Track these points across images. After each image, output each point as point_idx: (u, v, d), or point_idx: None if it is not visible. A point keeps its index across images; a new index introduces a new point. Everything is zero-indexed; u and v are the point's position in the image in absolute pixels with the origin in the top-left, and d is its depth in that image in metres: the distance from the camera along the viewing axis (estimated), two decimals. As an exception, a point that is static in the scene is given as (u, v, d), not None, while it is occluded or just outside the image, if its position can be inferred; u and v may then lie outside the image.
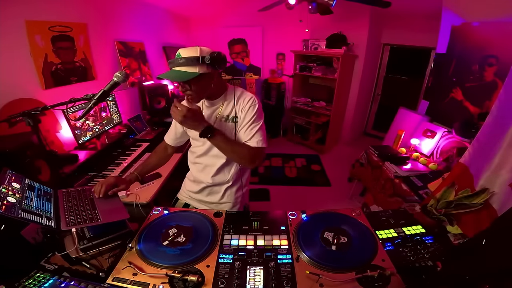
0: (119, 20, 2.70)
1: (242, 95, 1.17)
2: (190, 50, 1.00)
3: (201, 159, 1.29)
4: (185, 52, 1.00)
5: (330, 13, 2.79)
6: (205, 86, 1.07)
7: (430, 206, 1.21)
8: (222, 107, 1.18)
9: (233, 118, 1.16)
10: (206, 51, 1.01)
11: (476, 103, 2.31)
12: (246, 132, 1.14)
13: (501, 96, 1.17)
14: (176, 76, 1.00)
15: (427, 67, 3.68)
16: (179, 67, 1.00)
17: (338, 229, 1.04)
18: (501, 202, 1.06)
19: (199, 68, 0.99)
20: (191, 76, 0.99)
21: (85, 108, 1.08)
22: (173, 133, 1.38)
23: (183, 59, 0.99)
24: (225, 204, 1.33)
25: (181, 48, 1.01)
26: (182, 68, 0.99)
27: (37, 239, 1.01)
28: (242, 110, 1.15)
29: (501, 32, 2.08)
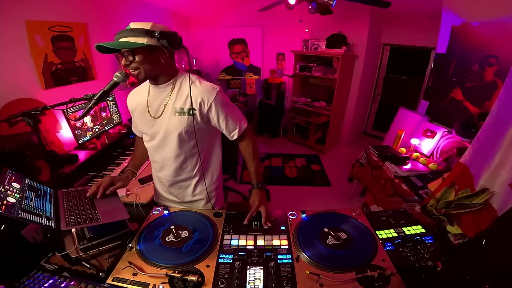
0: (119, 20, 2.70)
1: (198, 85, 1.07)
2: (141, 23, 0.95)
3: (156, 156, 1.22)
4: (135, 24, 0.95)
5: (330, 13, 2.79)
6: (152, 61, 0.99)
7: (430, 206, 1.21)
8: (171, 95, 1.08)
9: (189, 110, 1.07)
10: (159, 27, 0.97)
11: (476, 103, 2.31)
12: (228, 125, 1.13)
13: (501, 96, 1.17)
14: (120, 44, 0.94)
15: (427, 67, 3.68)
16: (125, 38, 0.94)
17: (338, 229, 1.04)
18: (501, 202, 1.06)
19: (147, 40, 0.94)
20: (137, 45, 0.93)
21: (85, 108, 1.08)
22: (135, 124, 1.30)
23: (131, 30, 0.94)
24: (200, 201, 1.29)
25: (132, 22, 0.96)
26: (129, 39, 0.93)
27: (37, 239, 1.01)
28: (201, 104, 1.06)
29: (501, 32, 2.08)
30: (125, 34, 0.93)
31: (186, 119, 1.08)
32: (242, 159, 1.31)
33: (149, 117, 1.13)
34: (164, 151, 1.17)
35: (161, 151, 1.18)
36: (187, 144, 1.14)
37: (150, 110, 1.13)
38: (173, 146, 1.13)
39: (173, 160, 1.17)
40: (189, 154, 1.18)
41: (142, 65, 0.99)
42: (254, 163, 1.21)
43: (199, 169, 1.22)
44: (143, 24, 0.95)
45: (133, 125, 1.31)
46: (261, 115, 4.64)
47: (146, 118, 1.15)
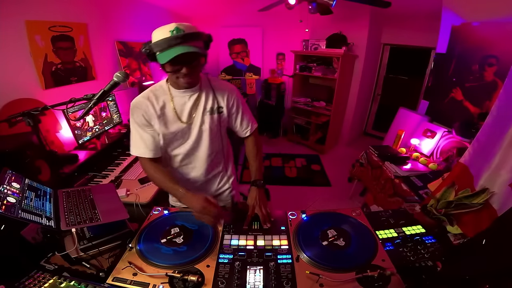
0: (119, 20, 2.70)
1: (220, 83, 1.14)
2: (185, 25, 0.90)
3: (187, 161, 1.20)
4: (184, 26, 0.89)
5: (330, 13, 2.79)
6: (201, 66, 1.00)
7: (430, 206, 1.21)
8: (201, 97, 1.08)
9: (217, 109, 1.11)
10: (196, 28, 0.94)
11: (476, 103, 2.31)
12: (243, 123, 1.19)
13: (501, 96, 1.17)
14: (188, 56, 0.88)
15: (427, 67, 3.68)
16: (182, 44, 0.88)
17: (338, 229, 1.04)
18: (501, 202, 1.06)
19: (201, 45, 0.93)
20: (201, 55, 0.92)
21: (85, 108, 1.08)
22: (151, 143, 1.09)
23: (191, 35, 0.89)
24: (224, 193, 1.33)
25: (174, 23, 0.89)
26: (193, 44, 0.89)
27: (37, 239, 1.01)
28: (227, 100, 1.12)
29: (501, 32, 2.08)
30: (185, 40, 0.88)
31: (216, 118, 1.12)
32: (242, 159, 1.34)
33: (179, 124, 1.09)
34: (197, 153, 1.18)
35: (193, 155, 1.18)
36: (216, 142, 1.18)
37: (182, 116, 1.08)
38: (205, 146, 1.15)
39: (205, 160, 1.20)
40: (218, 150, 1.22)
41: (196, 72, 1.00)
42: (257, 161, 1.24)
43: (225, 162, 1.30)
44: (190, 26, 0.91)
45: (141, 142, 1.08)
46: (261, 115, 4.64)
47: (175, 125, 1.09)
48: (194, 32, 0.91)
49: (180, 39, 0.88)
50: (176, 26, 0.88)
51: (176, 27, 0.88)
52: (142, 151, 1.09)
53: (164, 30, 0.88)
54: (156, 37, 0.90)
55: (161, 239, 1.00)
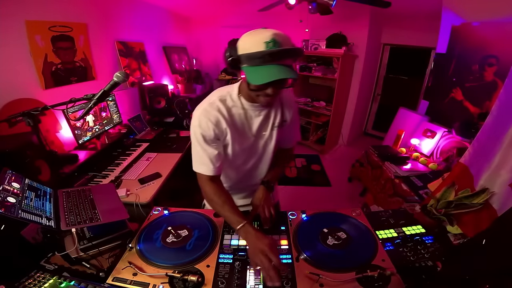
0: (119, 20, 2.70)
1: (287, 95, 1.03)
2: (283, 36, 0.78)
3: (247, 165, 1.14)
4: (281, 38, 0.76)
5: (330, 13, 2.79)
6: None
7: (430, 206, 1.21)
8: (272, 112, 1.02)
9: (282, 122, 1.04)
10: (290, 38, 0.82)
11: (476, 103, 2.31)
12: (291, 134, 1.11)
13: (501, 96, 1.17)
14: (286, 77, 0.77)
15: (427, 67, 3.68)
16: (278, 63, 0.77)
17: (338, 229, 1.04)
18: (501, 202, 1.06)
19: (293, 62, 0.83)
20: (296, 75, 0.80)
21: (85, 108, 1.08)
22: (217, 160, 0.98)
23: (284, 51, 0.76)
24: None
25: (269, 31, 0.76)
26: (286, 73, 0.77)
27: (37, 239, 1.01)
28: (292, 113, 1.04)
29: (501, 32, 2.08)
30: (282, 57, 0.77)
31: (279, 131, 1.06)
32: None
33: (249, 139, 1.03)
34: (261, 165, 1.15)
35: (258, 167, 1.15)
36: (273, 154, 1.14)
37: (252, 131, 1.02)
38: (269, 158, 1.12)
39: (266, 170, 1.17)
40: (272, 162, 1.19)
41: (280, 92, 0.90)
42: (280, 167, 1.19)
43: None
44: (287, 38, 0.79)
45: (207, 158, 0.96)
46: (261, 115, 4.63)
47: (245, 141, 1.03)
48: (292, 49, 0.78)
49: (276, 56, 0.75)
50: (273, 37, 0.75)
51: (273, 38, 0.75)
52: (206, 169, 0.97)
53: (258, 39, 0.76)
54: (247, 46, 0.78)
55: (161, 239, 1.00)
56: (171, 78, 3.70)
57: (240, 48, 0.81)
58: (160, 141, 2.44)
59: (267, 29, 0.78)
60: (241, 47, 0.80)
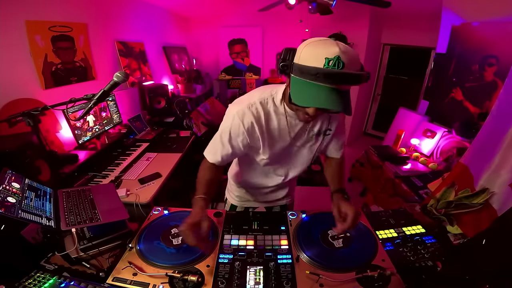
0: (119, 20, 2.70)
1: None
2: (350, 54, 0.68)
3: (275, 167, 1.13)
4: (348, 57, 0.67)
5: (330, 13, 2.79)
6: None
7: (430, 206, 1.21)
8: (319, 120, 0.96)
9: (325, 131, 0.98)
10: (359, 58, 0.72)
11: (476, 103, 2.31)
12: (337, 145, 1.05)
13: (501, 96, 1.17)
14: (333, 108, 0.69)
15: (427, 67, 3.68)
16: (335, 85, 0.68)
17: (338, 229, 1.04)
18: (501, 202, 1.06)
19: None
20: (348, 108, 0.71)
21: (85, 108, 1.08)
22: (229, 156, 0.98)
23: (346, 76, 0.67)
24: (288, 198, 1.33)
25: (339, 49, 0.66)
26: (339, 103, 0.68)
27: (37, 239, 1.01)
28: (335, 120, 0.96)
29: (501, 32, 2.08)
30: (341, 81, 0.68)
31: (320, 139, 1.00)
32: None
33: (285, 144, 1.00)
34: (290, 172, 1.13)
35: (287, 173, 1.14)
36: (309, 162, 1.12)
37: (293, 136, 0.97)
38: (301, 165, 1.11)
39: (292, 176, 1.15)
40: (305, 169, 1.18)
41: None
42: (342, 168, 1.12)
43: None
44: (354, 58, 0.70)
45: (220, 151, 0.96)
46: (261, 115, 4.63)
47: (280, 146, 1.00)
48: (354, 75, 0.68)
49: (332, 78, 0.66)
50: (338, 54, 0.65)
51: (338, 57, 0.65)
52: (214, 158, 0.97)
53: (320, 53, 0.67)
54: (306, 55, 0.70)
55: (161, 239, 1.00)
56: (171, 78, 3.70)
57: (298, 55, 0.72)
58: (160, 141, 2.44)
59: (336, 43, 0.69)
60: (299, 54, 0.72)
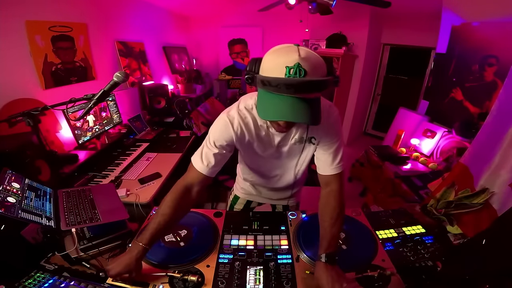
0: (119, 20, 2.70)
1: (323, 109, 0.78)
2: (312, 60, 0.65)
3: (273, 172, 1.11)
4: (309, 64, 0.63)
5: (330, 13, 2.79)
6: None
7: (430, 206, 1.21)
8: (298, 128, 0.91)
9: (310, 139, 0.92)
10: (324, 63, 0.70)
11: (476, 103, 2.31)
12: (329, 159, 0.91)
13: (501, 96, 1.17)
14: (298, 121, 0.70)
15: (427, 67, 3.68)
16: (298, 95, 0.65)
17: (338, 229, 1.04)
18: (501, 202, 1.06)
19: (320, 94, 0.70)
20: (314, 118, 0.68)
21: (85, 108, 1.08)
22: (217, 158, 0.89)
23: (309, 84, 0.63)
24: (292, 199, 1.31)
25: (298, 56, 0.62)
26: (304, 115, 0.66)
27: (37, 239, 1.01)
28: (323, 129, 0.88)
29: (501, 32, 2.08)
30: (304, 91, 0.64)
31: (306, 146, 0.95)
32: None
33: (272, 149, 0.97)
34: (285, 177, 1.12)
35: (282, 178, 1.13)
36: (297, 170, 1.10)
37: (277, 142, 0.94)
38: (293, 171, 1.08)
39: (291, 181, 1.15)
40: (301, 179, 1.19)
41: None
42: (337, 224, 0.87)
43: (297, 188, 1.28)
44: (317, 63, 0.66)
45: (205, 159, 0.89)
46: (261, 115, 4.63)
47: (269, 151, 0.98)
48: (316, 82, 0.64)
49: (294, 88, 0.62)
50: (297, 62, 0.61)
51: (298, 64, 0.61)
52: (202, 164, 0.88)
53: (281, 62, 0.63)
54: (268, 65, 0.66)
55: (161, 239, 1.00)
56: (171, 78, 3.70)
57: (262, 66, 0.69)
58: (160, 141, 2.44)
59: (297, 49, 0.64)
60: (263, 64, 0.68)
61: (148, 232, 0.81)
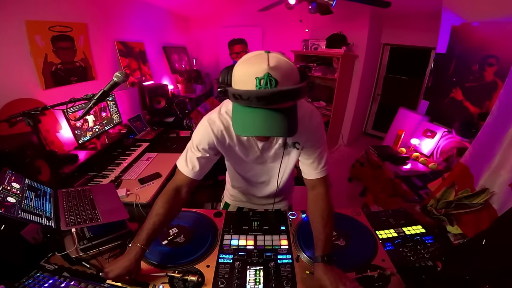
0: (119, 20, 2.70)
1: (302, 115, 0.76)
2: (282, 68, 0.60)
3: (258, 177, 1.10)
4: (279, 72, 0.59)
5: (330, 13, 2.79)
6: None
7: (430, 206, 1.21)
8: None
9: (294, 144, 0.93)
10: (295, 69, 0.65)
11: (476, 103, 2.31)
12: (314, 163, 0.92)
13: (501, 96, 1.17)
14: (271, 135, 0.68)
15: (427, 67, 3.68)
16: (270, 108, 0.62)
17: (338, 229, 1.04)
18: (501, 202, 1.06)
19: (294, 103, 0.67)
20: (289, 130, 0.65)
21: (85, 108, 1.08)
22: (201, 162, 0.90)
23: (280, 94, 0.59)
24: (283, 203, 1.31)
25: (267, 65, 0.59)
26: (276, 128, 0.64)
27: (37, 239, 1.01)
28: (306, 134, 0.88)
29: (501, 32, 2.08)
30: (275, 101, 0.61)
31: (290, 151, 0.96)
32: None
33: (256, 154, 0.97)
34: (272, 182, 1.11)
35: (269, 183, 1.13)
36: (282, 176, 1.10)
37: (260, 147, 0.94)
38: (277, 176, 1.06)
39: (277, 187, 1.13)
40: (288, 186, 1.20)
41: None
42: (328, 226, 0.88)
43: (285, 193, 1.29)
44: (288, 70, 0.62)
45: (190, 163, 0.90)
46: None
47: (252, 156, 0.98)
48: (288, 91, 0.60)
49: (265, 100, 0.60)
50: (267, 72, 0.58)
51: (267, 74, 0.58)
52: (187, 168, 0.90)
53: (251, 73, 0.60)
54: (239, 77, 0.63)
55: (161, 240, 1.00)
56: (171, 78, 3.70)
57: (233, 78, 0.65)
58: (160, 141, 2.44)
59: (266, 57, 0.61)
60: (234, 76, 0.64)
61: (144, 232, 0.82)
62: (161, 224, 0.86)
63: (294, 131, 0.66)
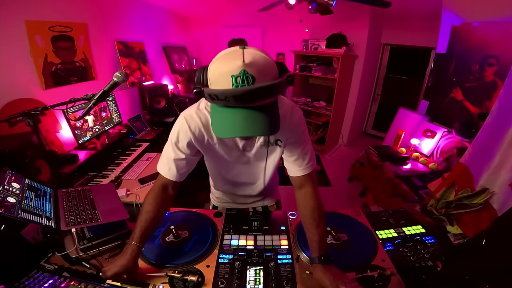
0: (119, 20, 2.70)
1: (284, 112, 0.77)
2: (258, 64, 0.58)
3: (242, 177, 1.08)
4: (255, 69, 0.57)
5: (330, 13, 2.79)
6: None
7: (430, 206, 1.21)
8: None
9: (276, 141, 0.91)
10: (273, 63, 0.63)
11: (476, 103, 2.31)
12: (298, 160, 0.89)
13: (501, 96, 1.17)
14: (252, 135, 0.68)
15: (427, 67, 3.68)
16: (249, 107, 0.60)
17: (338, 229, 1.04)
18: (501, 202, 1.06)
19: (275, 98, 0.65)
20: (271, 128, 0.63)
21: (85, 108, 1.08)
22: (182, 167, 0.89)
23: (257, 91, 0.57)
24: (268, 199, 1.29)
25: (242, 62, 0.57)
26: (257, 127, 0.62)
27: (37, 239, 1.01)
28: (287, 131, 0.86)
29: (501, 32, 2.08)
30: (253, 99, 0.59)
31: (272, 149, 0.95)
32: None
33: (237, 152, 0.95)
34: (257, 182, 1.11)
35: (253, 183, 1.12)
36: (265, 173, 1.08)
37: (241, 146, 0.92)
38: (262, 174, 1.05)
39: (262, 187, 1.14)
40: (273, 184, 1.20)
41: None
42: (321, 225, 0.87)
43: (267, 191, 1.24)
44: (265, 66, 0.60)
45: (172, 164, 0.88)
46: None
47: (234, 154, 0.96)
48: (269, 86, 0.58)
49: (243, 99, 0.57)
50: (242, 69, 0.56)
51: (243, 71, 0.56)
52: (167, 170, 0.89)
53: (226, 71, 0.58)
54: (215, 76, 0.61)
55: (161, 239, 1.00)
56: (171, 78, 3.70)
57: (208, 77, 0.62)
58: (160, 141, 2.44)
59: (240, 53, 0.58)
60: (209, 75, 0.62)
61: (138, 230, 0.83)
62: (152, 221, 0.86)
63: (276, 129, 0.64)
